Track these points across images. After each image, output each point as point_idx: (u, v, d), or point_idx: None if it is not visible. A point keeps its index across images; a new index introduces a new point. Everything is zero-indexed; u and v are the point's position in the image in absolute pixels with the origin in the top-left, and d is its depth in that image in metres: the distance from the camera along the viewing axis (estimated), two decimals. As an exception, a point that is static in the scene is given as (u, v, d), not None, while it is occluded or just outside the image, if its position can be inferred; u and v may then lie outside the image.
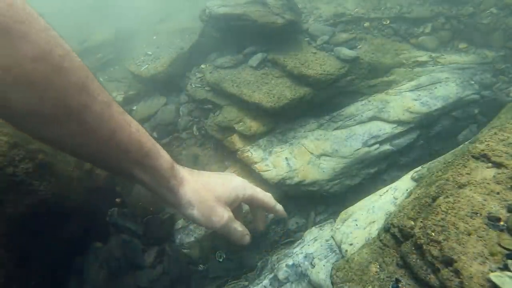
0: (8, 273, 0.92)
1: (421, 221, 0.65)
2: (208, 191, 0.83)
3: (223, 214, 0.85)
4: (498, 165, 0.68)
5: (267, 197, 0.97)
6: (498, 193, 0.62)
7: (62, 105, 0.57)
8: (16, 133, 0.95)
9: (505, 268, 0.52)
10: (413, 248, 0.64)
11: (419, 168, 0.98)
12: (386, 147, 1.25)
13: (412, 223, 0.68)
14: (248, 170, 1.30)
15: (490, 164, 0.69)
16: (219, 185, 0.86)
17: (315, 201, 1.24)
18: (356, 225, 0.91)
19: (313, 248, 0.97)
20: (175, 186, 0.79)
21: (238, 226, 0.91)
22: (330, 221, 1.09)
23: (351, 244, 0.87)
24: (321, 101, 1.37)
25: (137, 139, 0.69)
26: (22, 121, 0.58)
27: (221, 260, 1.11)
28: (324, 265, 0.89)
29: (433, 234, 0.61)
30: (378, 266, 0.70)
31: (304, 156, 1.24)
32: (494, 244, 0.55)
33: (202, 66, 1.70)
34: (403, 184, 0.96)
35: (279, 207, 1.00)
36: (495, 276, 0.51)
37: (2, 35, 0.49)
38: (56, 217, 1.04)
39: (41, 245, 1.02)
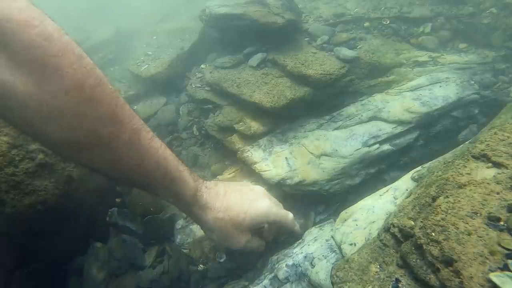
0: (8, 273, 0.92)
1: (421, 221, 0.65)
2: (230, 219, 0.84)
3: (241, 239, 0.88)
4: (498, 165, 0.68)
5: (288, 221, 0.97)
6: (498, 193, 0.63)
7: (93, 134, 0.59)
8: (16, 133, 0.95)
9: (505, 268, 0.52)
10: (413, 248, 0.64)
11: (419, 168, 0.98)
12: (386, 147, 1.25)
13: (412, 223, 0.68)
14: (248, 170, 1.30)
15: (490, 164, 0.69)
16: (243, 212, 0.86)
17: (315, 201, 1.24)
18: (356, 225, 0.92)
19: (313, 248, 0.97)
20: (197, 212, 0.83)
21: (254, 243, 0.92)
22: (330, 221, 1.09)
23: (351, 244, 0.87)
24: (321, 101, 1.37)
25: (164, 166, 0.72)
26: (57, 148, 0.61)
27: (221, 260, 1.11)
28: (324, 265, 0.89)
29: (433, 234, 0.61)
30: (378, 266, 0.70)
31: (304, 156, 1.24)
32: (494, 244, 0.55)
33: (202, 66, 1.70)
34: (403, 184, 0.96)
35: (297, 228, 1.02)
36: (495, 276, 0.51)
37: (39, 69, 0.51)
38: (56, 217, 1.04)
39: (41, 245, 1.02)
